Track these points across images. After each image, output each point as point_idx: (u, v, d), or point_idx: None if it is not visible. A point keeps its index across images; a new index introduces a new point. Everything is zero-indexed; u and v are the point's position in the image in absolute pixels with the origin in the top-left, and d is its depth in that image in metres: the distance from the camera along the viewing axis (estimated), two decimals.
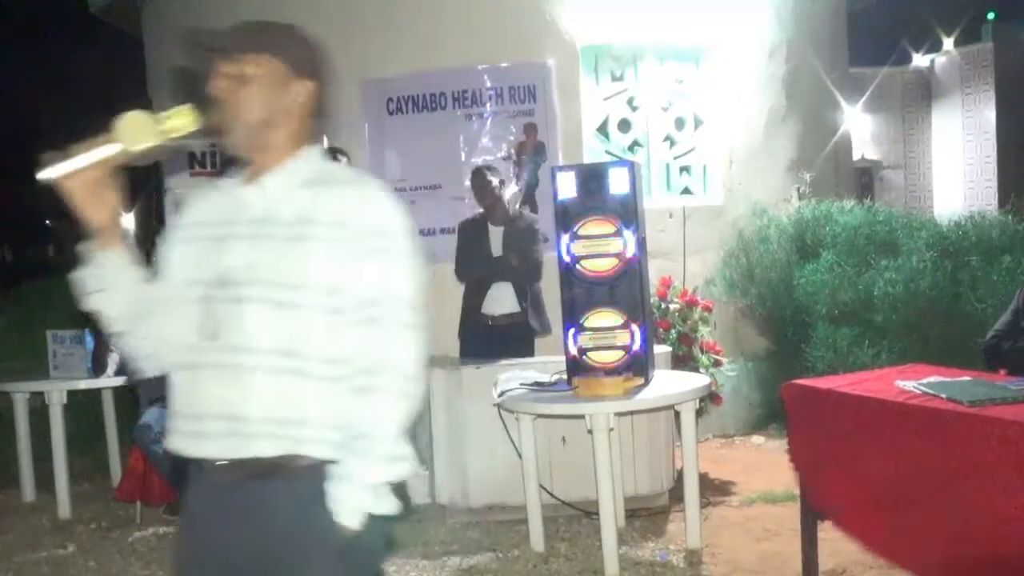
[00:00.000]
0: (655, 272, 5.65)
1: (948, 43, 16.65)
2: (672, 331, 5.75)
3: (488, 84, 6.46)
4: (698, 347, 5.77)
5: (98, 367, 5.43)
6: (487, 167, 5.53)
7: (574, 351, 4.29)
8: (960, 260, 5.77)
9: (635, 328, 4.22)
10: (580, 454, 4.38)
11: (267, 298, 1.72)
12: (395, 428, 1.72)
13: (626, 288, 4.25)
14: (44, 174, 1.72)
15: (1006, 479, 2.59)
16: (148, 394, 4.88)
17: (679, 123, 6.86)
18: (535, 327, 5.29)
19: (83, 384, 5.48)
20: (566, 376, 4.31)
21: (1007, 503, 2.58)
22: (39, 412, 5.55)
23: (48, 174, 1.72)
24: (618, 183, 4.23)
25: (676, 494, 4.69)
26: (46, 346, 5.54)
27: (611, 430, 4.04)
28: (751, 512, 4.77)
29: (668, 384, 4.37)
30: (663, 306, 5.85)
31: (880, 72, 15.67)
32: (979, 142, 16.18)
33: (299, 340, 1.71)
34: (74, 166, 1.72)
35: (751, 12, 7.00)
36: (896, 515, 3.01)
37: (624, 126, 6.73)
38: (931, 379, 3.20)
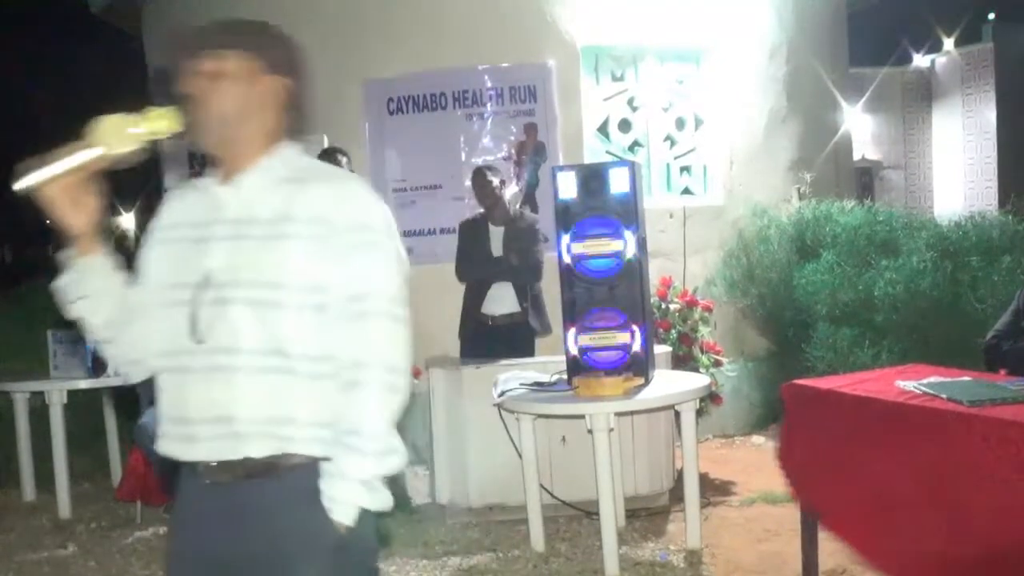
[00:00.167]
0: (655, 272, 5.65)
1: (948, 43, 16.64)
2: (672, 331, 5.76)
3: (489, 84, 6.46)
4: (698, 347, 5.78)
5: (98, 367, 5.42)
6: (488, 167, 5.52)
7: (574, 351, 4.29)
8: (960, 260, 5.77)
9: (635, 328, 4.22)
10: (580, 454, 4.38)
11: (250, 299, 1.71)
12: (384, 422, 1.72)
13: (626, 288, 4.26)
14: (21, 183, 1.68)
15: (1006, 479, 2.59)
16: (148, 394, 4.87)
17: (679, 123, 6.86)
18: (535, 327, 5.29)
19: (83, 384, 5.48)
20: (566, 376, 4.31)
21: (1007, 503, 2.58)
22: (39, 412, 5.55)
23: (25, 182, 1.68)
24: (618, 183, 4.23)
25: (676, 494, 4.70)
26: (46, 346, 5.54)
27: (611, 430, 4.04)
28: (751, 512, 4.77)
29: (668, 384, 4.37)
30: (663, 306, 5.86)
31: (880, 72, 15.66)
32: (979, 142, 16.18)
33: (284, 339, 1.70)
34: (52, 173, 1.69)
35: (751, 12, 7.00)
36: (895, 515, 3.00)
37: (624, 126, 6.73)
38: (931, 379, 3.20)
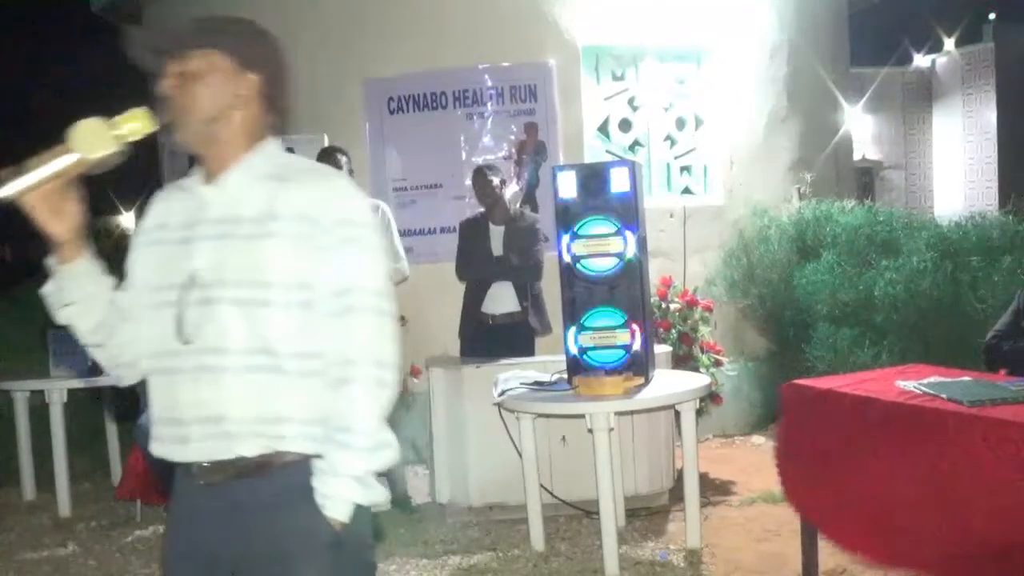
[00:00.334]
0: (655, 272, 5.65)
1: (949, 43, 16.67)
2: (672, 331, 5.76)
3: (489, 83, 6.46)
4: (698, 347, 5.78)
5: (98, 366, 5.39)
6: (488, 166, 5.52)
7: (574, 351, 4.29)
8: (960, 260, 5.76)
9: (635, 328, 4.22)
10: (580, 454, 4.38)
11: (237, 298, 1.71)
12: (375, 417, 1.72)
13: (626, 288, 4.26)
14: (0, 193, 1.66)
15: (1006, 479, 2.59)
16: (147, 394, 4.87)
17: (680, 123, 6.85)
18: (535, 327, 5.28)
19: (83, 383, 5.46)
20: (566, 376, 4.31)
21: (1007, 503, 2.58)
22: (39, 411, 5.55)
23: (4, 192, 1.66)
24: (619, 183, 4.23)
25: (676, 494, 4.70)
26: (46, 345, 5.53)
27: (611, 430, 4.04)
28: (751, 512, 4.77)
29: (668, 384, 4.37)
30: (663, 306, 5.86)
31: (881, 72, 15.69)
32: (980, 142, 16.20)
33: (272, 337, 1.70)
34: (31, 181, 1.67)
35: (752, 12, 7.00)
36: (894, 515, 3.00)
37: (625, 126, 6.72)
38: (931, 379, 3.20)
